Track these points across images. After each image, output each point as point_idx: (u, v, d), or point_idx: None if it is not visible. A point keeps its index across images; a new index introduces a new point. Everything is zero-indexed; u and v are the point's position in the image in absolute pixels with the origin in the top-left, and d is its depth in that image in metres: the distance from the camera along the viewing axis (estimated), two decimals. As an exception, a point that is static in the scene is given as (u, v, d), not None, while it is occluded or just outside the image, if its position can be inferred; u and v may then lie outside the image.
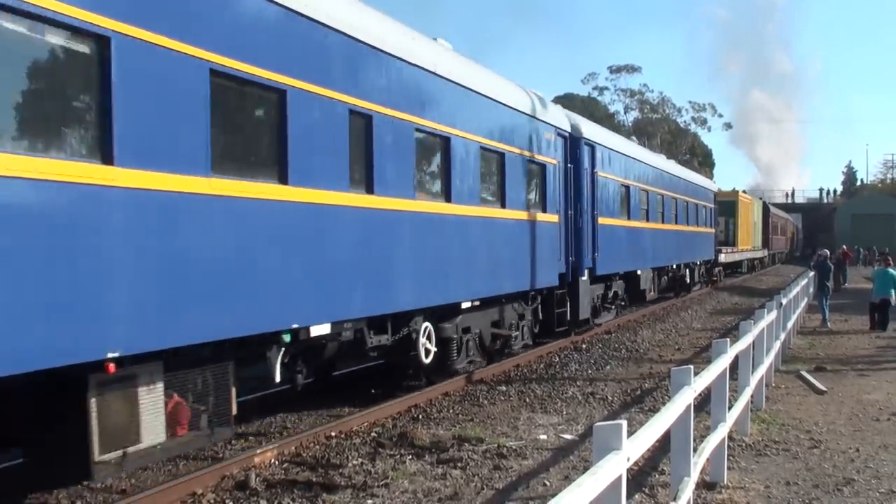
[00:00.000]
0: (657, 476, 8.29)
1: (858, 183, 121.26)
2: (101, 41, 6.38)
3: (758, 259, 56.03)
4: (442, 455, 9.11)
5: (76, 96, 6.47)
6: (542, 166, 15.80)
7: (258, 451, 8.90)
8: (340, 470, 8.51)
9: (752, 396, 10.63)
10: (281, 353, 9.01)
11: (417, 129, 11.14)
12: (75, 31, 6.18)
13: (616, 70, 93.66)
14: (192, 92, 7.25)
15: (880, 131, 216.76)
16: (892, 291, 22.39)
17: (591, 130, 19.29)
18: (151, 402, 7.14)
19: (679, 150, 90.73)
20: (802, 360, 16.73)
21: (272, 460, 8.91)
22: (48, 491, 7.81)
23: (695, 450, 6.91)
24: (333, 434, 10.02)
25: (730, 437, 8.90)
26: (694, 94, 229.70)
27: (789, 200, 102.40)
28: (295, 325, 8.72)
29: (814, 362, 16.40)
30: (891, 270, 22.96)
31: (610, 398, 12.65)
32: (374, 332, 10.83)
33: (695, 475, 6.80)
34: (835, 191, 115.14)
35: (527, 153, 15.00)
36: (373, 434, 10.15)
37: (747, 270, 51.99)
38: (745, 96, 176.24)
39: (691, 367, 6.61)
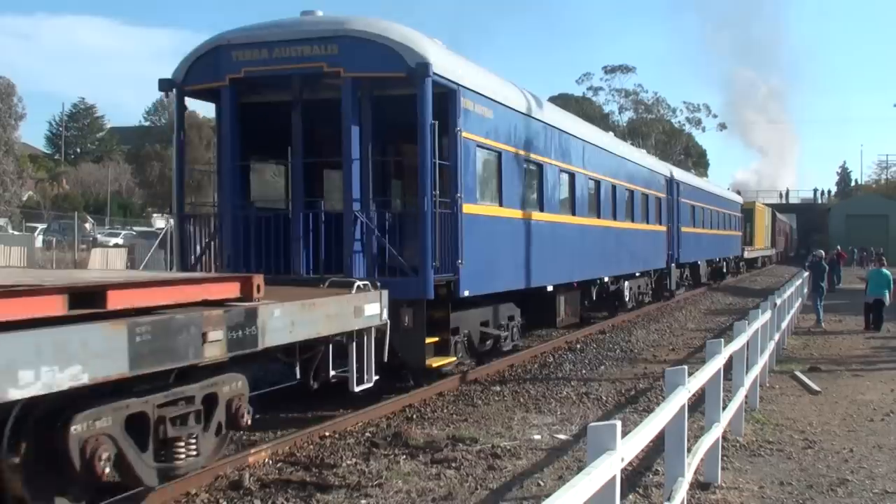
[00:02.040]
0: (651, 476, 8.29)
1: (853, 184, 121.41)
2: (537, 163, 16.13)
3: (768, 256, 67.99)
4: (436, 455, 9.10)
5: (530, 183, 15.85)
6: (659, 199, 28.04)
7: (252, 451, 8.88)
8: (334, 470, 8.50)
9: (746, 397, 10.63)
10: (595, 288, 20.54)
11: (629, 191, 23.47)
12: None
13: (610, 70, 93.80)
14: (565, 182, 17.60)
15: (874, 132, 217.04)
16: (886, 292, 22.51)
17: (678, 173, 32.79)
18: (560, 302, 17.52)
19: (673, 150, 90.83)
20: (797, 361, 16.77)
21: (266, 460, 8.88)
22: (538, 331, 19.44)
23: (689, 450, 6.91)
24: (327, 434, 10.00)
25: (724, 438, 8.93)
26: (684, 84, 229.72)
27: (783, 201, 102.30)
28: (600, 276, 20.48)
29: (808, 363, 16.44)
30: (884, 271, 23.11)
31: (604, 398, 12.66)
32: (609, 284, 21.84)
33: (689, 475, 6.81)
34: (829, 191, 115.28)
35: (654, 192, 27.13)
36: (367, 434, 10.13)
37: (761, 265, 63.94)
38: (733, 81, 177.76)
39: (685, 367, 6.61)
